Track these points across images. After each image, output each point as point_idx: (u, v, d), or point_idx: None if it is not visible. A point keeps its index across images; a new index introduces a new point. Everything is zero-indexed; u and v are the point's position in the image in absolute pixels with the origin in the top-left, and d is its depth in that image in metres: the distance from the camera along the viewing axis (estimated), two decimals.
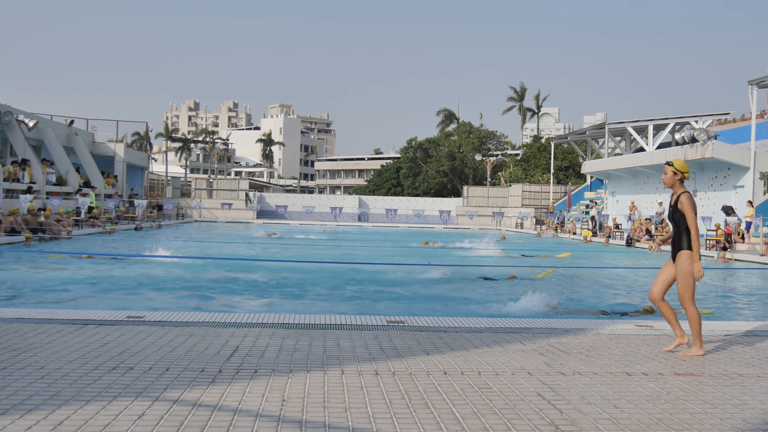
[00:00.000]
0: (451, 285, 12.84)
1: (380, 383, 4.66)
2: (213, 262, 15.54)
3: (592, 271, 16.71)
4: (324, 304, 10.37)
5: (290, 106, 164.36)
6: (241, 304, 10.18)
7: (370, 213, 52.06)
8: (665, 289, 6.00)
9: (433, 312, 9.21)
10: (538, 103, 71.61)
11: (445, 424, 3.81)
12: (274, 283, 12.60)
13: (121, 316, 6.94)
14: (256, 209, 48.18)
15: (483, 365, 5.27)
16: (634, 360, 5.60)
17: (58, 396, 4.14)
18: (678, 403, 4.35)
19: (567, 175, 52.76)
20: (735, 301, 12.19)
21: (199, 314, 7.26)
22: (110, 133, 42.79)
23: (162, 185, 51.65)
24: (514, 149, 76.91)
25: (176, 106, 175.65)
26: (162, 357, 5.24)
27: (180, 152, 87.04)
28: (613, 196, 38.51)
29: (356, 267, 14.81)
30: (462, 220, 48.25)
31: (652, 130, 36.76)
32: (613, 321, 7.66)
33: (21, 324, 6.38)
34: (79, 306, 9.37)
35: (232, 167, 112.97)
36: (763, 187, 25.37)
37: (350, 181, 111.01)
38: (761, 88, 25.66)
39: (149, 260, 15.82)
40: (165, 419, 3.75)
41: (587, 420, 3.95)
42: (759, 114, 32.63)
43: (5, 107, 27.81)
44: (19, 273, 13.08)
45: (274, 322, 6.82)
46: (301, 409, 4.00)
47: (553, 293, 11.36)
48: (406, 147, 69.02)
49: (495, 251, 22.04)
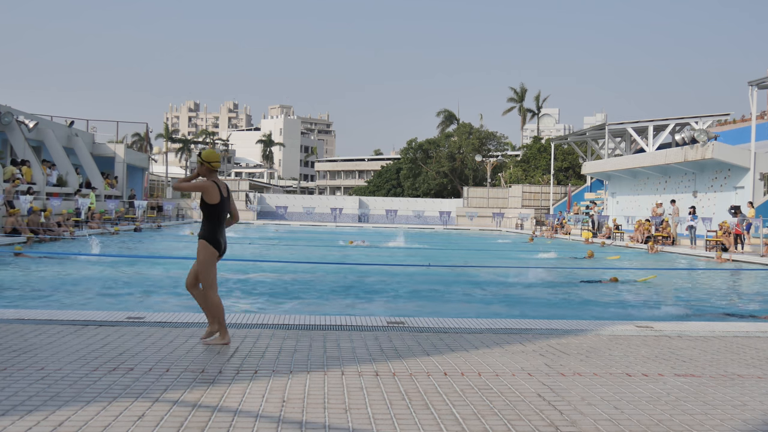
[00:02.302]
0: (560, 289, 12.86)
1: (380, 384, 4.65)
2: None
3: (663, 274, 16.74)
4: (366, 305, 10.35)
5: (290, 106, 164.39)
6: (240, 305, 10.18)
7: (370, 214, 52.06)
8: (196, 278, 6.00)
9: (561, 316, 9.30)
10: (538, 104, 71.62)
11: (446, 425, 3.81)
12: (275, 283, 12.59)
13: (121, 316, 6.94)
14: (256, 210, 48.17)
15: (483, 366, 5.27)
16: (634, 361, 5.60)
17: (59, 397, 4.14)
18: (678, 404, 4.35)
19: (567, 176, 52.75)
20: (735, 301, 12.19)
21: (200, 315, 7.25)
22: (110, 133, 42.82)
23: (162, 186, 51.64)
24: (514, 150, 76.93)
25: (176, 107, 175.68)
26: (162, 358, 5.24)
27: (180, 153, 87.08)
28: (613, 197, 38.49)
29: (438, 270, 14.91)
30: (462, 220, 48.24)
31: (652, 131, 36.73)
32: (613, 322, 7.65)
33: (21, 325, 6.38)
34: (79, 307, 9.37)
35: (232, 168, 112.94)
36: (763, 188, 25.35)
37: (350, 181, 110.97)
38: (761, 89, 25.62)
39: (148, 261, 15.81)
40: (165, 420, 3.75)
41: (587, 421, 3.95)
42: (759, 115, 32.61)
43: (5, 108, 27.81)
44: (19, 273, 13.08)
45: (274, 323, 6.83)
46: (301, 410, 4.00)
47: (667, 297, 11.46)
48: (407, 148, 69.02)
49: (548, 255, 22.00)
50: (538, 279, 13.87)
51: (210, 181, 5.97)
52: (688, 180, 30.41)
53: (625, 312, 9.99)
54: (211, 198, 5.91)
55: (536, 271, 14.58)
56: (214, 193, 5.92)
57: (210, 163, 6.00)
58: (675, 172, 30.86)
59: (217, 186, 5.97)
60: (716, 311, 10.33)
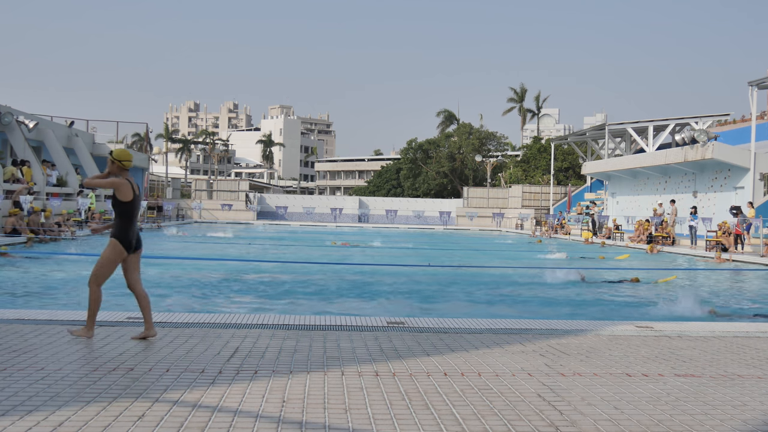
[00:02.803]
0: (583, 289, 12.89)
1: (380, 384, 4.66)
2: (212, 263, 15.54)
3: (682, 274, 16.78)
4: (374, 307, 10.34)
5: (290, 107, 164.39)
6: (241, 305, 10.17)
7: (370, 214, 52.07)
8: (132, 277, 6.09)
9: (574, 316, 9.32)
10: (538, 104, 71.63)
11: (446, 425, 3.81)
12: (274, 283, 12.59)
13: (121, 317, 6.94)
14: (256, 210, 48.18)
15: (483, 366, 5.27)
16: (634, 361, 5.60)
17: (59, 397, 4.14)
18: (678, 405, 4.35)
19: (567, 176, 52.76)
20: (735, 301, 12.18)
21: (200, 315, 7.26)
22: (110, 134, 42.85)
23: (162, 186, 51.64)
24: (514, 150, 76.93)
25: (176, 107, 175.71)
26: (162, 358, 5.24)
27: (180, 153, 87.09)
28: (613, 197, 38.50)
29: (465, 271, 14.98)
30: (462, 221, 48.25)
31: (652, 131, 36.73)
32: (613, 322, 7.65)
33: (21, 325, 6.38)
34: (79, 307, 9.37)
35: (232, 168, 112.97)
36: (763, 188, 25.35)
37: (350, 182, 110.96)
38: (761, 89, 25.62)
39: (148, 261, 15.79)
40: (165, 420, 3.75)
41: (587, 421, 3.95)
42: (759, 115, 32.59)
43: (5, 108, 27.81)
44: (19, 274, 13.08)
45: (274, 323, 6.83)
46: (301, 410, 4.00)
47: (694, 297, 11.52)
48: (407, 148, 69.04)
49: (559, 255, 22.02)
50: (557, 279, 13.87)
51: (123, 179, 6.02)
52: (688, 180, 30.41)
53: (646, 311, 10.02)
54: (125, 195, 5.98)
55: (553, 271, 14.60)
56: (127, 190, 5.99)
57: (121, 162, 6.04)
58: (675, 172, 30.86)
59: (130, 184, 6.04)
60: (741, 312, 10.34)
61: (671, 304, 10.39)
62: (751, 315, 9.99)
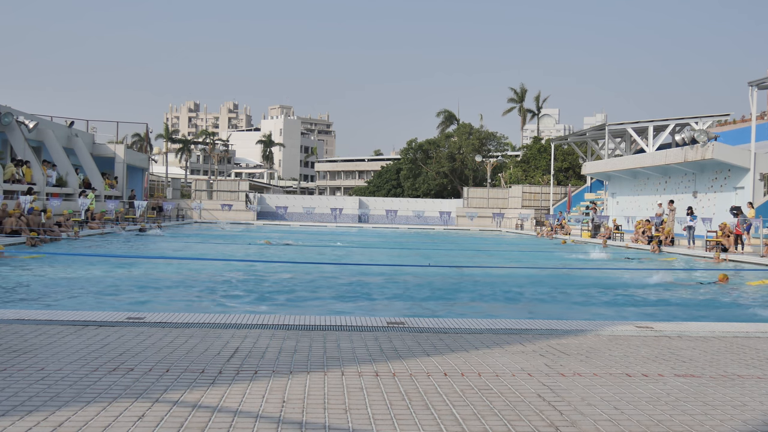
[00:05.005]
0: (683, 289, 13.04)
1: (380, 384, 4.66)
2: (212, 263, 15.54)
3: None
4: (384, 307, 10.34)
5: (290, 107, 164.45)
6: (241, 306, 10.17)
7: (370, 214, 52.06)
8: None
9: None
10: (538, 105, 71.65)
11: (446, 425, 3.81)
12: (275, 283, 12.59)
13: (121, 317, 6.94)
14: (256, 210, 48.17)
15: (483, 366, 5.27)
16: (634, 361, 5.60)
17: (59, 397, 4.14)
18: (678, 405, 4.35)
19: (567, 177, 52.76)
20: (734, 301, 12.18)
21: (200, 315, 7.25)
22: (110, 134, 42.83)
23: (162, 186, 51.63)
24: (514, 150, 76.98)
25: (176, 107, 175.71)
26: (162, 358, 5.24)
27: (180, 153, 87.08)
28: (613, 197, 38.50)
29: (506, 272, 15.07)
30: (462, 221, 48.24)
31: (652, 132, 36.73)
32: (613, 322, 7.65)
33: (21, 325, 6.38)
34: (79, 307, 9.37)
35: (232, 168, 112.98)
36: (763, 188, 25.35)
37: (350, 182, 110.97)
38: (761, 89, 25.63)
39: (148, 262, 15.81)
40: (165, 420, 3.75)
41: (587, 421, 3.95)
42: (759, 115, 32.61)
43: (5, 108, 27.81)
44: (18, 274, 13.08)
45: (274, 324, 6.82)
46: (301, 411, 4.00)
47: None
48: (407, 148, 69.04)
49: (599, 255, 22.06)
50: (626, 281, 13.97)
51: None
52: (688, 180, 30.41)
53: (746, 313, 10.07)
54: None
55: (619, 273, 14.73)
56: None
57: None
58: (675, 172, 30.85)
59: None
60: (715, 311, 10.32)
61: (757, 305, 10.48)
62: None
